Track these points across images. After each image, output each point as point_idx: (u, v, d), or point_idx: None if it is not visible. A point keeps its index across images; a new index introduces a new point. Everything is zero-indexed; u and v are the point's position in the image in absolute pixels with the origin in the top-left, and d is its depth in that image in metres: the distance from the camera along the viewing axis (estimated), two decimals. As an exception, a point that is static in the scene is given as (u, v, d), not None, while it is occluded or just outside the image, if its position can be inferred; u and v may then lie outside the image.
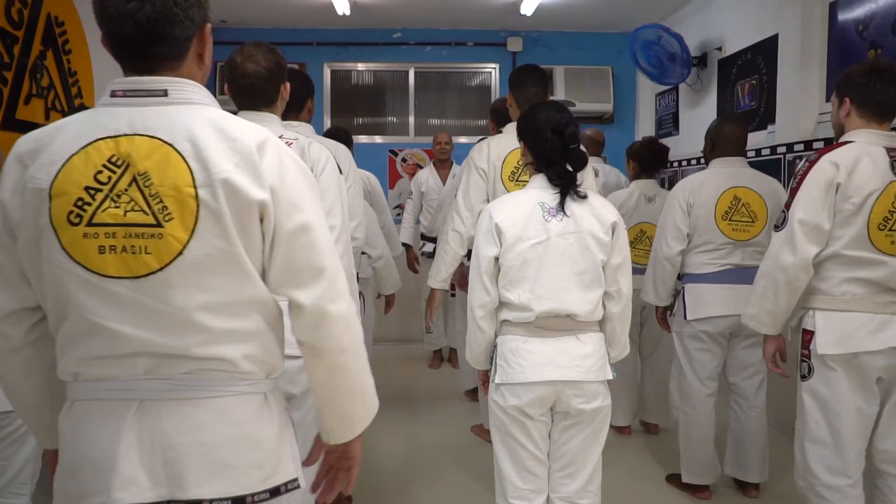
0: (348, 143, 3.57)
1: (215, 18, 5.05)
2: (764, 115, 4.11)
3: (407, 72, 6.17)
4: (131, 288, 1.06)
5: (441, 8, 5.45)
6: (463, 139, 5.99)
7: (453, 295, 4.37)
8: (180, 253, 1.06)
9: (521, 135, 2.11)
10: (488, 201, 2.55)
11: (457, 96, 6.35)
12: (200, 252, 1.07)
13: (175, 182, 1.06)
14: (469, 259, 2.23)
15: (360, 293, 2.95)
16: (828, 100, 3.56)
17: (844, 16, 3.52)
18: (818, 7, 3.65)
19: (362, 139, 6.19)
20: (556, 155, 1.99)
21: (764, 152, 3.98)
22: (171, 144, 1.06)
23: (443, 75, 6.25)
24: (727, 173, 2.95)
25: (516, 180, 2.74)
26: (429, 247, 5.10)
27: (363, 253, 3.34)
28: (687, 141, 5.24)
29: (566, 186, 1.98)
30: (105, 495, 1.08)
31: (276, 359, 1.22)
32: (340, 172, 2.14)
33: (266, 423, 1.19)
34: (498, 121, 3.49)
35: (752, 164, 4.06)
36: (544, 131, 1.99)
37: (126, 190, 1.06)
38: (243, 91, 2.01)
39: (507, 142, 2.78)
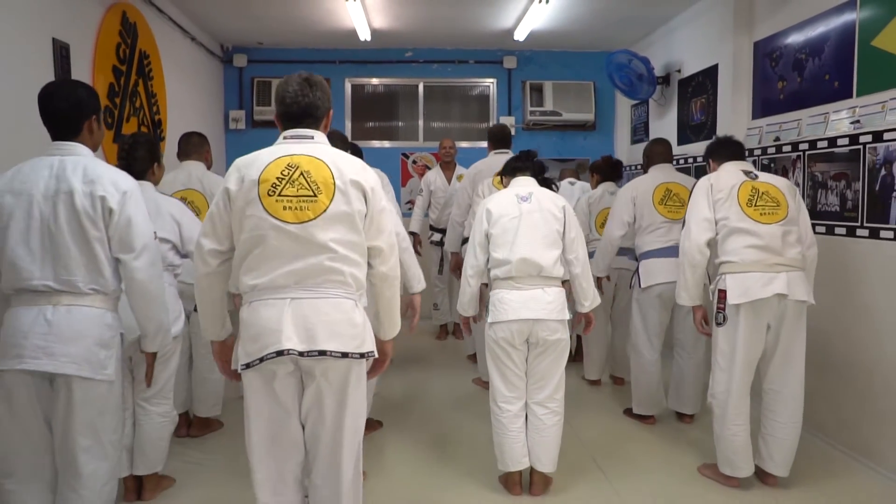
0: (358, 154, 4.37)
1: (253, 40, 6.03)
2: (710, 128, 4.88)
3: (417, 85, 6.88)
4: (299, 228, 1.93)
5: (447, 32, 6.12)
6: (465, 143, 6.79)
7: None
8: (324, 210, 1.94)
9: (504, 169, 3.24)
10: None
11: (460, 106, 7.06)
12: (334, 210, 1.95)
13: (324, 176, 1.96)
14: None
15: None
16: (753, 118, 4.44)
17: (764, 52, 4.24)
18: (746, 43, 4.38)
19: (376, 144, 6.94)
20: (522, 162, 3.12)
21: (709, 158, 4.80)
22: (320, 159, 1.99)
23: (448, 88, 6.96)
24: (660, 174, 3.95)
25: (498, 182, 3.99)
26: (436, 237, 5.87)
27: None
28: (655, 146, 6.02)
29: (535, 175, 3.13)
30: (278, 343, 1.90)
31: (364, 281, 2.07)
32: None
33: (358, 315, 2.01)
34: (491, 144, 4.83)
35: (700, 170, 4.91)
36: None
37: (297, 179, 1.94)
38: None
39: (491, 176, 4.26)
